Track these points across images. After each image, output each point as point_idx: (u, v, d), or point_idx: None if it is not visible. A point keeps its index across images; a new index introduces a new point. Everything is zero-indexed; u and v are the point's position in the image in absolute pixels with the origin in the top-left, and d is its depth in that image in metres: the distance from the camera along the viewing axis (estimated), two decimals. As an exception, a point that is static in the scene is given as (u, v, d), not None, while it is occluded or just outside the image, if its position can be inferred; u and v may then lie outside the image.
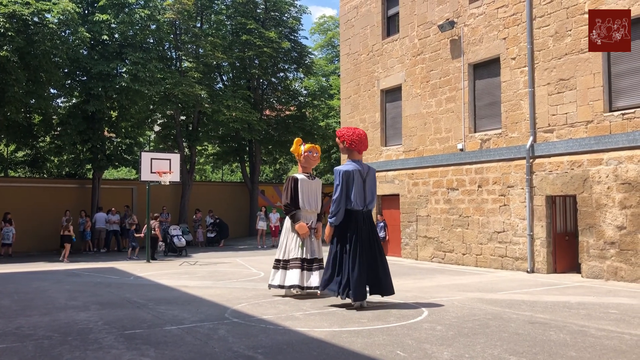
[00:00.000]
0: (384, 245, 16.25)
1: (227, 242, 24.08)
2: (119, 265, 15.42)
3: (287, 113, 29.20)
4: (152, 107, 24.17)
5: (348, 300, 7.47)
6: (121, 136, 23.60)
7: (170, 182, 17.31)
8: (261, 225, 22.80)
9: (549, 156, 12.06)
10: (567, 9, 11.76)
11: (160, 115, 25.84)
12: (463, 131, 14.25)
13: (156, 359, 4.99)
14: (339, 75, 22.65)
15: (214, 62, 25.43)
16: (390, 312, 7.16)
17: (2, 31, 16.91)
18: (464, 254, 14.09)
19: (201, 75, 24.14)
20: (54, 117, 22.90)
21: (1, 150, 25.55)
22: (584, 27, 11.19)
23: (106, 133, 23.51)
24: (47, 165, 25.41)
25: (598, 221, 10.97)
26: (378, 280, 7.50)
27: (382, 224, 16.85)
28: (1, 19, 16.89)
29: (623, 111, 10.69)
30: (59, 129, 22.76)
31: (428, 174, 15.34)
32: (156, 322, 6.68)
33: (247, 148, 29.02)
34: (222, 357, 5.01)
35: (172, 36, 24.78)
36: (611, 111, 10.96)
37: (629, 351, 5.19)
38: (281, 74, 29.20)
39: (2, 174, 24.28)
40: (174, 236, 19.34)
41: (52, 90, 22.06)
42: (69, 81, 21.91)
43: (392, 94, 17.08)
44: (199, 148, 28.82)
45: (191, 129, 26.07)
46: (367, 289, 7.48)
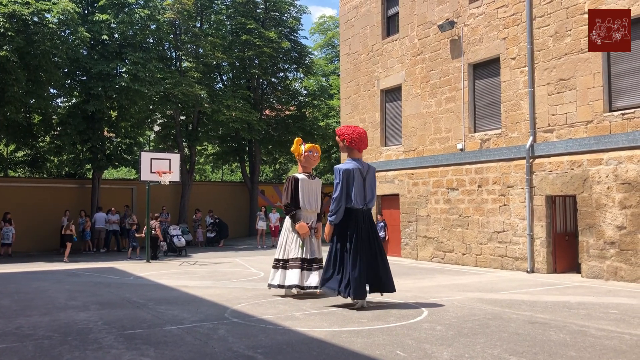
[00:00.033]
0: (384, 245, 16.24)
1: (227, 242, 24.08)
2: (119, 265, 15.42)
3: (287, 113, 29.19)
4: (152, 107, 24.16)
5: (348, 299, 7.48)
6: (121, 136, 23.59)
7: (170, 182, 17.30)
8: (261, 225, 22.81)
9: (549, 156, 12.06)
10: (567, 9, 11.77)
11: (160, 115, 25.83)
12: (463, 131, 14.25)
13: (156, 359, 4.99)
14: (339, 75, 22.64)
15: (214, 62, 25.43)
16: (390, 312, 7.16)
17: (2, 31, 16.89)
18: (464, 254, 14.09)
19: (201, 75, 24.13)
20: (54, 117, 22.88)
21: (1, 150, 25.52)
22: (584, 27, 11.20)
23: (106, 133, 23.50)
24: (47, 165, 25.39)
25: (598, 221, 10.97)
26: (378, 278, 7.50)
27: (382, 224, 16.84)
28: (1, 19, 16.87)
29: (623, 111, 10.70)
30: (59, 129, 22.74)
31: (428, 174, 15.34)
32: (156, 322, 6.68)
33: (247, 148, 29.01)
34: (222, 357, 5.01)
35: (172, 36, 24.78)
36: (611, 111, 10.96)
37: (629, 351, 5.19)
38: (281, 74, 29.19)
39: (2, 174, 24.26)
40: (174, 236, 19.35)
41: (52, 90, 22.06)
42: (69, 81, 21.90)
43: (392, 94, 17.08)
44: (199, 148, 28.81)
45: (191, 129, 26.06)
46: (367, 288, 7.48)
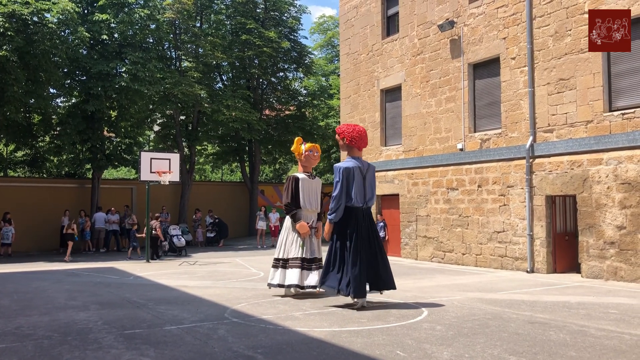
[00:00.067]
0: (384, 245, 16.22)
1: (227, 242, 24.07)
2: (119, 265, 15.41)
3: (287, 113, 29.19)
4: (152, 107, 24.17)
5: (348, 298, 7.47)
6: (121, 136, 23.59)
7: (169, 182, 17.29)
8: (261, 225, 22.80)
9: (549, 156, 12.06)
10: (567, 9, 11.76)
11: (159, 115, 25.84)
12: (463, 131, 14.25)
13: (156, 359, 4.98)
14: (339, 75, 22.64)
15: (214, 62, 25.42)
16: (390, 312, 7.15)
17: (2, 31, 16.88)
18: (464, 254, 14.09)
19: (201, 75, 24.13)
20: (54, 117, 22.87)
21: (1, 150, 25.50)
22: (584, 27, 11.20)
23: (106, 133, 23.49)
24: (47, 165, 25.40)
25: (598, 221, 10.96)
26: (378, 277, 7.49)
27: (382, 224, 16.83)
28: (1, 19, 16.86)
29: (623, 111, 10.69)
30: (59, 129, 22.74)
31: (428, 174, 15.34)
32: (156, 322, 6.67)
33: (247, 148, 29.01)
34: (222, 357, 5.01)
35: (172, 36, 24.78)
36: (611, 111, 10.96)
37: (629, 351, 5.19)
38: (281, 74, 29.19)
39: (2, 174, 24.24)
40: (174, 236, 19.35)
41: (52, 90, 22.05)
42: (69, 81, 21.89)
43: (392, 94, 17.07)
44: (199, 148, 28.80)
45: (191, 129, 26.06)
46: (367, 287, 7.47)
